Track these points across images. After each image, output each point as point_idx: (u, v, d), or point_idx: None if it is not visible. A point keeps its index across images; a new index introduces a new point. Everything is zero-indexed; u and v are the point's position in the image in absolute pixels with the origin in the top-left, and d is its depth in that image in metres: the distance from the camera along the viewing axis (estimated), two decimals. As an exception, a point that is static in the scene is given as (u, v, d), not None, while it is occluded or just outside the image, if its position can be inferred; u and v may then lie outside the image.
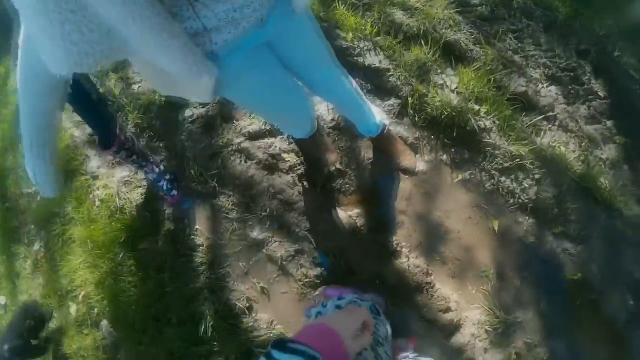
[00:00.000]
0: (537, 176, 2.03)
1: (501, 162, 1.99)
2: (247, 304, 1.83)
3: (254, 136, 2.03)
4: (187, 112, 2.14)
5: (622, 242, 2.07)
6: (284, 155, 1.98)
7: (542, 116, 2.20)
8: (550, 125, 2.24)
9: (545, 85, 2.32)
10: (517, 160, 2.00)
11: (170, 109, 2.18)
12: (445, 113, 1.95)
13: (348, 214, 1.90)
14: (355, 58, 2.09)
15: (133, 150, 1.87)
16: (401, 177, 1.94)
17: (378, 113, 1.82)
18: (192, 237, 1.93)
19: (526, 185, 2.01)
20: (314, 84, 1.42)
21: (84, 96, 1.56)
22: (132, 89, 2.31)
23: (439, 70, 2.08)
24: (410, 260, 1.87)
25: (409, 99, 1.98)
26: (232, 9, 0.91)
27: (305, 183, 1.93)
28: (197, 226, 1.95)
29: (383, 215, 1.91)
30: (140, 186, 2.10)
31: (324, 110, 2.01)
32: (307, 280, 1.81)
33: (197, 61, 0.85)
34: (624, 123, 2.43)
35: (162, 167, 2.01)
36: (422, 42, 2.14)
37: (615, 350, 1.93)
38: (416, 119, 1.97)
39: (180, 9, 0.84)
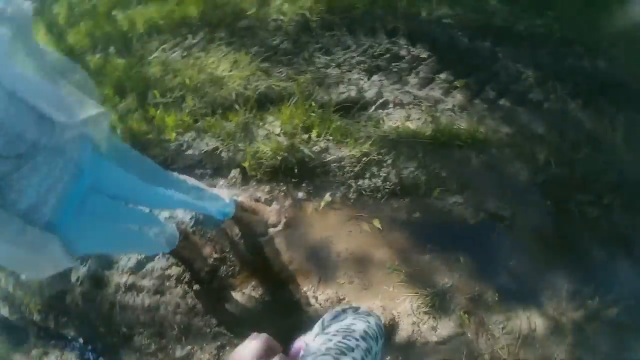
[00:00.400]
0: (389, 161, 2.13)
1: (351, 169, 2.09)
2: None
3: (135, 269, 2.10)
4: (73, 277, 2.21)
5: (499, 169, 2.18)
6: (167, 272, 2.05)
7: (374, 107, 2.31)
8: (386, 111, 2.35)
9: (366, 79, 2.45)
10: (365, 158, 2.10)
11: (59, 282, 2.25)
12: (280, 157, 2.04)
13: (244, 292, 1.96)
14: (186, 152, 2.20)
15: (50, 335, 1.93)
16: (273, 234, 2.01)
17: (225, 194, 1.91)
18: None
19: (384, 174, 2.10)
20: (150, 202, 1.51)
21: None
22: (22, 279, 2.38)
23: (260, 124, 2.19)
24: (319, 299, 1.93)
25: (245, 163, 2.07)
26: (42, 177, 0.97)
27: (195, 286, 1.99)
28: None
29: (275, 275, 1.98)
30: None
31: (180, 212, 2.10)
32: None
33: (36, 238, 0.91)
34: (457, 67, 2.57)
35: (80, 341, 2.06)
36: (237, 106, 2.25)
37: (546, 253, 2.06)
38: (259, 177, 2.06)
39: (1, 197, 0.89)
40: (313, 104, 2.21)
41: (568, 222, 2.21)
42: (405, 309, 1.89)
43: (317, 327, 0.97)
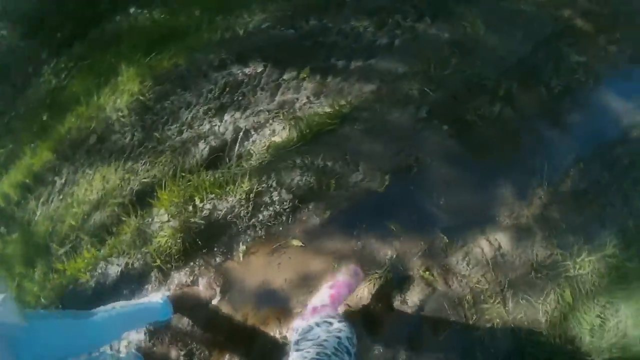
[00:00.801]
0: (274, 183, 2.24)
1: (245, 211, 2.19)
2: None
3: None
4: None
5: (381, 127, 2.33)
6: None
7: (238, 144, 2.42)
8: (251, 139, 2.46)
9: (219, 122, 2.55)
10: (251, 195, 2.20)
11: None
12: (180, 239, 2.14)
13: (221, 369, 2.06)
14: (106, 283, 2.27)
15: None
16: (217, 304, 2.10)
17: (157, 297, 2.01)
18: None
19: (276, 198, 2.21)
20: (98, 343, 1.65)
21: None
22: None
23: (149, 220, 2.27)
24: (288, 335, 2.03)
25: (157, 262, 2.16)
26: None
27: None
28: None
29: (241, 338, 2.08)
30: None
31: (133, 335, 2.18)
32: None
33: None
34: (295, 60, 2.69)
35: None
36: (123, 217, 2.33)
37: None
38: (175, 265, 2.15)
39: None
40: (183, 175, 2.30)
41: (475, 134, 2.35)
42: (367, 298, 2.00)
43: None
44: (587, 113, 2.45)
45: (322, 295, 1.77)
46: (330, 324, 1.17)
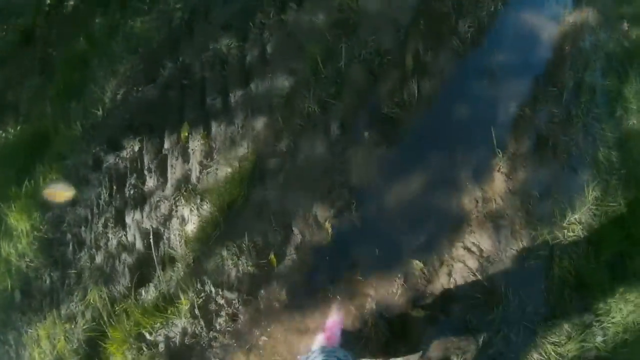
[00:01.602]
0: (211, 287, 1.86)
1: (194, 328, 1.86)
2: None
3: None
4: None
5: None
6: None
7: (155, 253, 2.00)
8: (165, 240, 2.04)
9: (123, 231, 2.16)
10: (194, 309, 1.81)
11: None
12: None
13: None
14: None
15: None
16: None
17: None
18: None
19: (222, 300, 1.84)
20: None
21: None
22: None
23: None
24: None
25: None
26: None
27: None
28: None
29: None
30: None
31: None
32: None
33: None
34: (167, 129, 2.19)
35: None
36: None
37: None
38: None
39: None
40: (116, 311, 1.89)
41: (402, 129, 2.00)
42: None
43: None
44: (509, 49, 2.11)
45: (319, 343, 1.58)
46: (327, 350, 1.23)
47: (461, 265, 1.75)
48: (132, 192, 2.17)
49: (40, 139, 2.37)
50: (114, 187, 2.22)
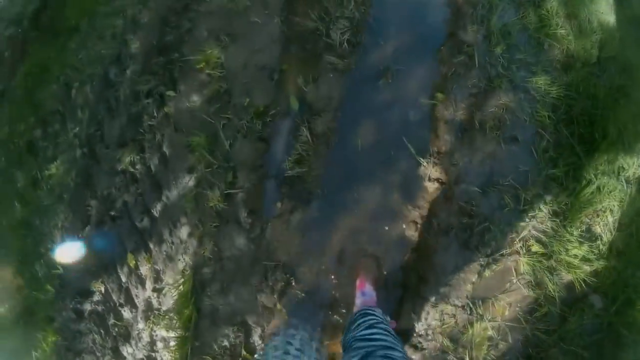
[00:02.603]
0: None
1: None
2: None
3: None
4: None
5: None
6: None
7: None
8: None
9: None
10: None
11: None
12: None
13: None
14: None
15: None
16: None
17: None
18: None
19: None
20: None
21: None
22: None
23: None
24: None
25: None
26: None
27: None
28: None
29: None
30: None
31: None
32: None
33: None
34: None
35: None
36: None
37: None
38: None
39: None
40: None
41: (308, 184, 1.93)
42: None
43: None
44: (397, 35, 1.96)
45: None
46: None
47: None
48: (116, 329, 2.31)
49: (28, 312, 2.55)
50: (101, 331, 2.36)
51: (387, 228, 1.80)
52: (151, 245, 2.20)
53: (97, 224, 2.37)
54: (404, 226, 1.80)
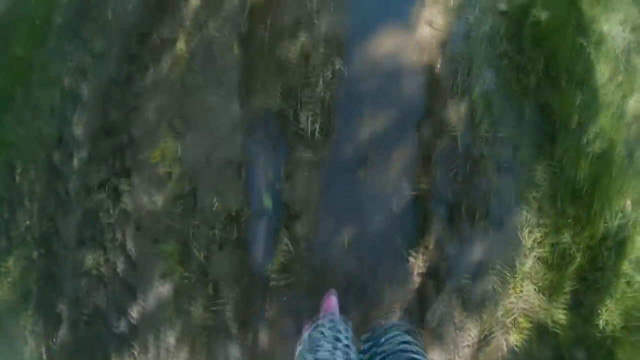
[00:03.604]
0: None
1: None
2: None
3: None
4: None
5: None
6: None
7: None
8: None
9: None
10: None
11: None
12: None
13: None
14: None
15: None
16: None
17: None
18: None
19: None
20: None
21: None
22: None
23: None
24: None
25: None
26: None
27: None
28: None
29: None
30: None
31: None
32: None
33: None
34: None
35: None
36: None
37: None
38: None
39: None
40: None
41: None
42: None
43: None
44: (371, 116, 1.79)
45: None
46: None
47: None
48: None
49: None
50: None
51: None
52: (136, 354, 2.08)
53: (70, 331, 2.21)
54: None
